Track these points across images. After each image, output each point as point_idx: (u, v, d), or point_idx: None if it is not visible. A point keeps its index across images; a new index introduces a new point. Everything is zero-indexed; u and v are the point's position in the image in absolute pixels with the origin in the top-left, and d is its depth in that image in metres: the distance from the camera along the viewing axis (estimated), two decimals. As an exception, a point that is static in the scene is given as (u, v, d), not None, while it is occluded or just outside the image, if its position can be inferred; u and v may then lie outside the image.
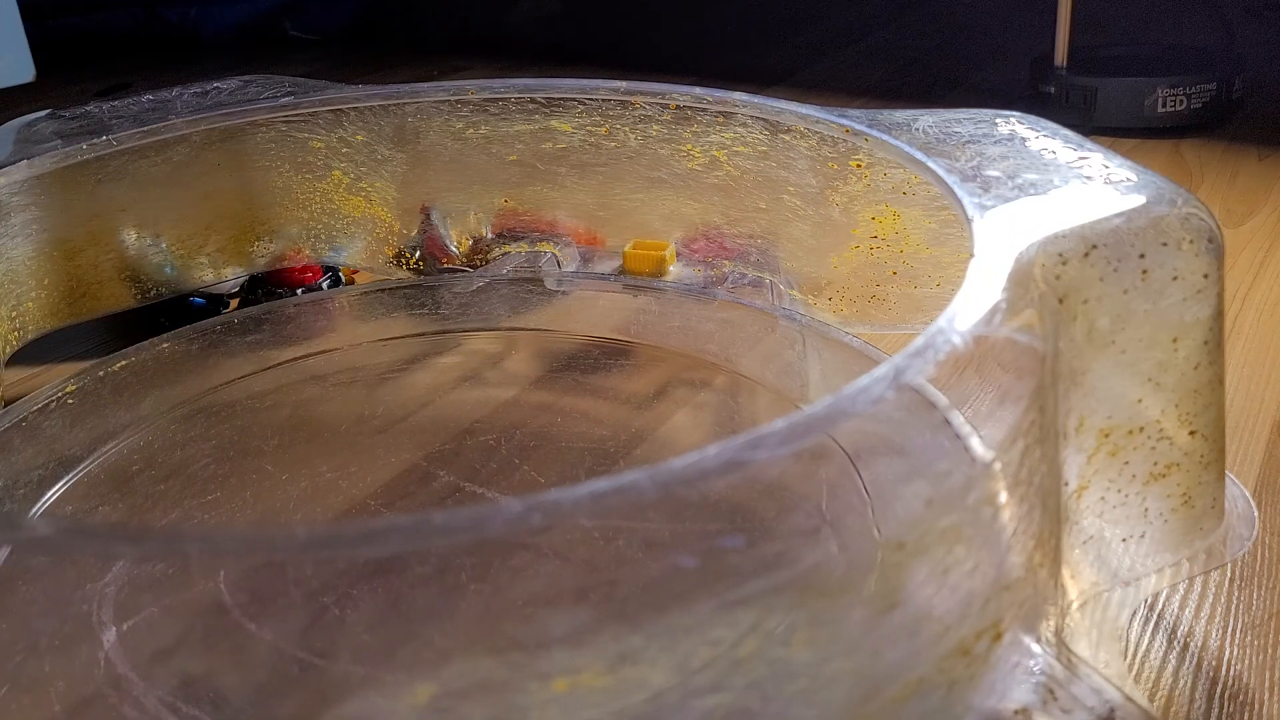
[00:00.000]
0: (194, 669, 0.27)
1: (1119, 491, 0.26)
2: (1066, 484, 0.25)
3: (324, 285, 0.47)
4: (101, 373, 0.41)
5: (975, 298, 0.22)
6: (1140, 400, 0.26)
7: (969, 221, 0.26)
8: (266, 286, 0.47)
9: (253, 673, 0.23)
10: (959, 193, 0.28)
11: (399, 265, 0.47)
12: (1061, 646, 0.24)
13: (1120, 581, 0.28)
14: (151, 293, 0.44)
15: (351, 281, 0.49)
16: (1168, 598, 0.32)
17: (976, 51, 0.97)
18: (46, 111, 0.43)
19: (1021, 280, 0.23)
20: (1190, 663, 0.29)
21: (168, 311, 0.46)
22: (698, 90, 0.40)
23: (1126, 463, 0.26)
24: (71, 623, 0.30)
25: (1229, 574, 0.32)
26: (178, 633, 0.29)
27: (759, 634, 0.17)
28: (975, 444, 0.24)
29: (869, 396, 0.19)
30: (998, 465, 0.20)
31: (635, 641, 0.16)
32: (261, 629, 0.27)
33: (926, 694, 0.19)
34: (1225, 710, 0.28)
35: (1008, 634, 0.21)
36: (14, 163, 0.38)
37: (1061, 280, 0.24)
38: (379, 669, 0.19)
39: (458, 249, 0.46)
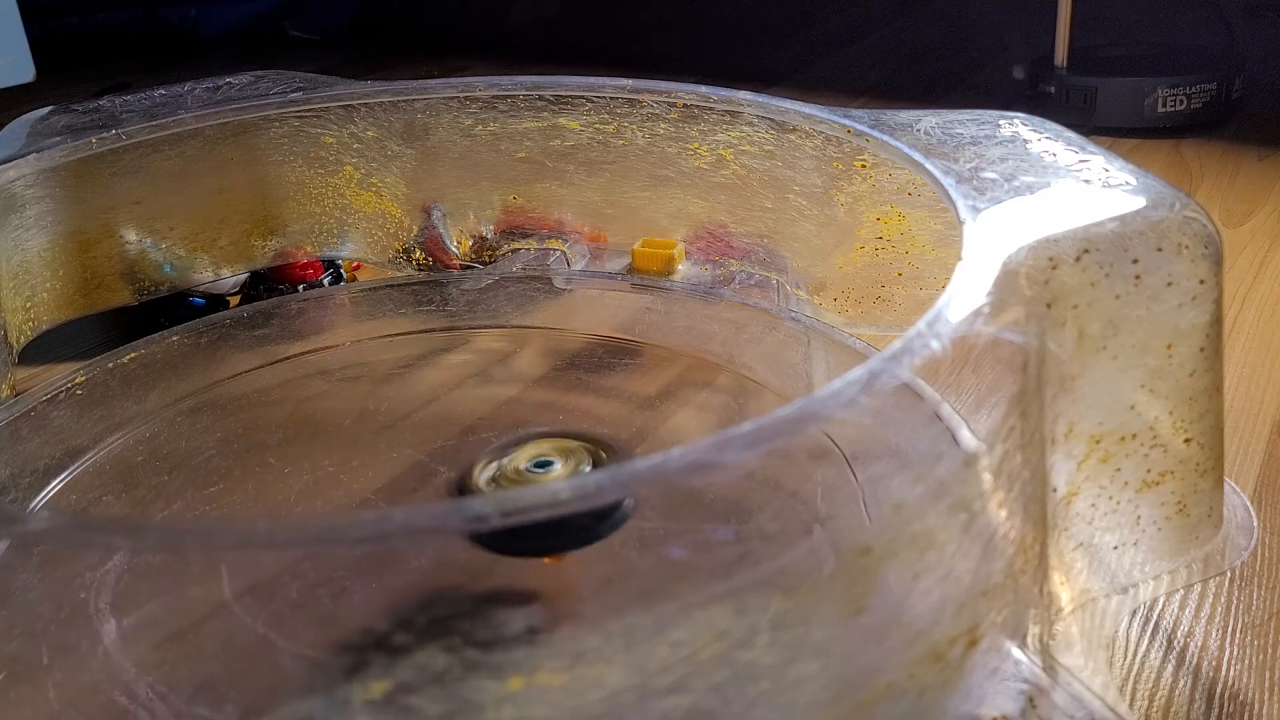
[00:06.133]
0: (185, 658, 0.28)
1: (1110, 499, 0.26)
2: (1055, 490, 0.25)
3: (325, 281, 0.47)
4: (111, 364, 0.41)
5: (958, 301, 0.22)
6: (1133, 407, 0.26)
7: (960, 223, 0.26)
8: (268, 282, 0.47)
9: (230, 664, 0.23)
10: (954, 194, 0.27)
11: (407, 261, 0.47)
12: (1045, 653, 0.24)
13: (1116, 587, 0.27)
14: (149, 290, 0.45)
15: (353, 277, 0.49)
16: (1167, 598, 0.31)
17: (976, 51, 0.96)
18: (59, 105, 0.44)
19: (1008, 284, 0.23)
20: (1190, 663, 0.29)
21: (168, 311, 0.46)
22: (704, 89, 0.40)
23: (1118, 470, 0.26)
24: (69, 610, 0.30)
25: (1229, 575, 0.32)
26: (173, 622, 0.30)
27: (722, 636, 0.17)
28: (946, 451, 0.24)
29: (841, 400, 0.19)
30: (971, 471, 0.20)
31: (592, 641, 0.16)
32: (249, 620, 0.27)
33: (896, 699, 0.19)
34: (1225, 711, 0.28)
35: (985, 640, 0.21)
36: (24, 155, 0.38)
37: (1050, 285, 0.24)
38: (330, 661, 0.19)
39: (458, 249, 0.46)
